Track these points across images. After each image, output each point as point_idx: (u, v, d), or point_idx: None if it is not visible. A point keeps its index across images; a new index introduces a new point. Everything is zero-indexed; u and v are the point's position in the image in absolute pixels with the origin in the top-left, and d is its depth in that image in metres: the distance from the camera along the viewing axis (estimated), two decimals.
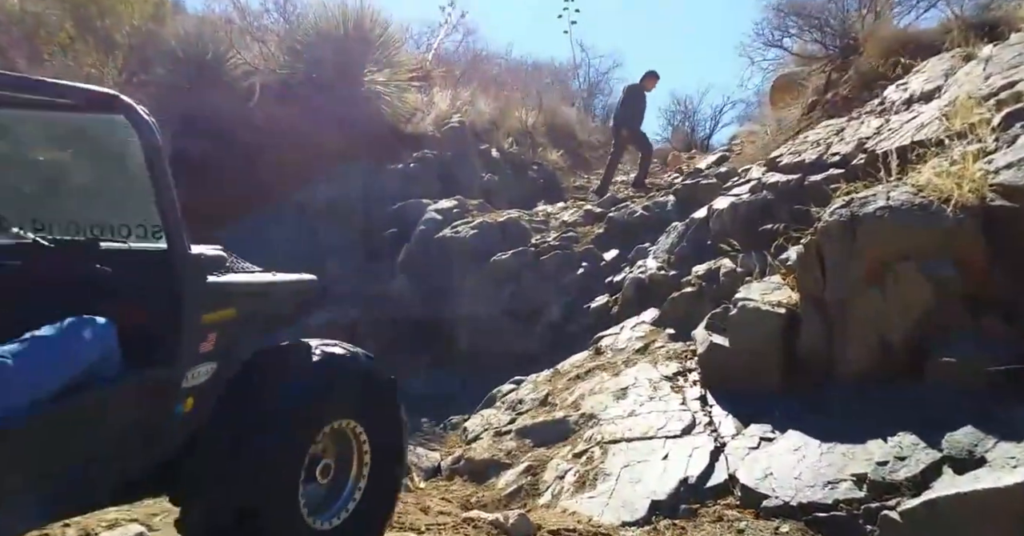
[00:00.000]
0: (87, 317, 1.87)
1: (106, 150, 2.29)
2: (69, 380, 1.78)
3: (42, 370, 1.73)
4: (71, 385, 1.77)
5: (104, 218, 2.24)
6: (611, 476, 3.56)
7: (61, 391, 1.74)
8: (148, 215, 2.12)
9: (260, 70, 7.59)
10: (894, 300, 3.24)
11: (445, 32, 14.52)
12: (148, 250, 2.15)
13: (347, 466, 2.50)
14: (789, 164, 5.12)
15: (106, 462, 1.94)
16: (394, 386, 2.63)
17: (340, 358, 2.43)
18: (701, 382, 4.13)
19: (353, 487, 2.50)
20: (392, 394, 2.62)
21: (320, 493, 2.39)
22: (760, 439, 3.47)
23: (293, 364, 2.34)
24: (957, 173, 3.42)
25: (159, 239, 2.11)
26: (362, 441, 2.51)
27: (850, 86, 7.25)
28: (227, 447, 2.12)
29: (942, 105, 4.49)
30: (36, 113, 2.05)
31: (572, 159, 12.11)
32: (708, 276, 4.91)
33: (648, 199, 7.27)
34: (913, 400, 3.03)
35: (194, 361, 2.08)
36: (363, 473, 2.52)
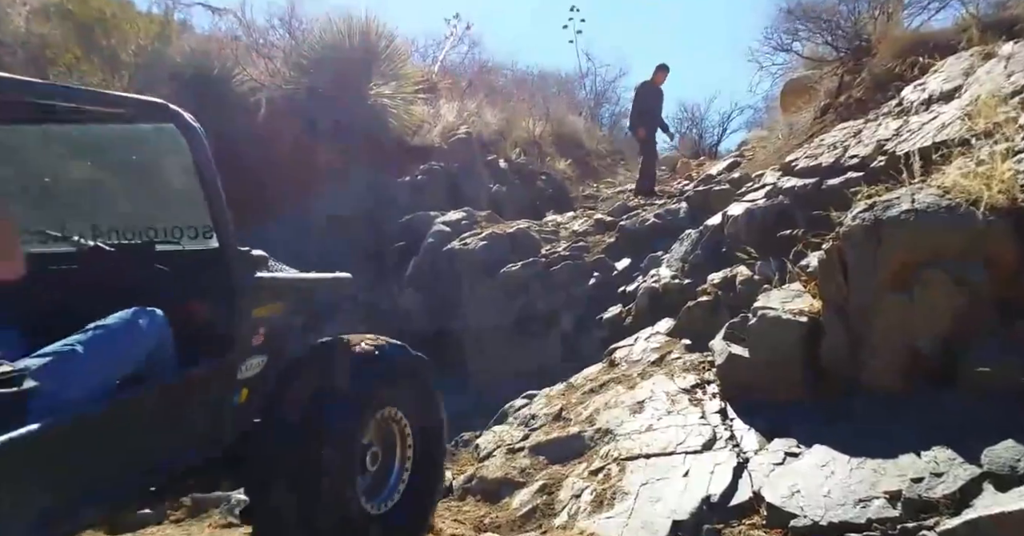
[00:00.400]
0: (142, 308, 1.97)
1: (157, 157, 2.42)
2: (131, 369, 1.88)
3: (107, 358, 1.82)
4: (132, 374, 1.87)
5: (158, 221, 2.37)
6: (629, 495, 3.41)
7: (124, 380, 1.84)
8: (198, 217, 2.25)
9: (266, 86, 7.58)
10: (922, 306, 3.09)
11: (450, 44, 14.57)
12: (200, 250, 2.27)
13: (392, 452, 2.64)
14: (805, 168, 4.99)
15: (167, 451, 2.03)
16: (431, 370, 2.80)
17: (386, 350, 2.59)
18: (720, 395, 3.98)
19: (400, 471, 2.66)
20: (429, 378, 2.80)
21: (369, 479, 2.51)
22: (785, 454, 3.31)
23: (345, 356, 2.47)
24: (985, 173, 3.28)
25: (209, 239, 2.24)
26: (404, 427, 2.66)
27: (863, 88, 7.12)
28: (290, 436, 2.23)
29: (963, 104, 4.35)
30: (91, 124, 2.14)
31: (580, 168, 12.04)
32: (724, 284, 4.77)
33: (660, 207, 7.14)
34: (946, 412, 2.87)
35: (247, 353, 2.20)
36: (407, 457, 2.69)
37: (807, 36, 9.06)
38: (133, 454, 1.92)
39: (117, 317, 1.91)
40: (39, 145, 2.26)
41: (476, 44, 17.17)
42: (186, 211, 2.32)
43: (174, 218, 2.37)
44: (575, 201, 9.87)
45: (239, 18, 9.00)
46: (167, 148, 2.20)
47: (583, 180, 11.43)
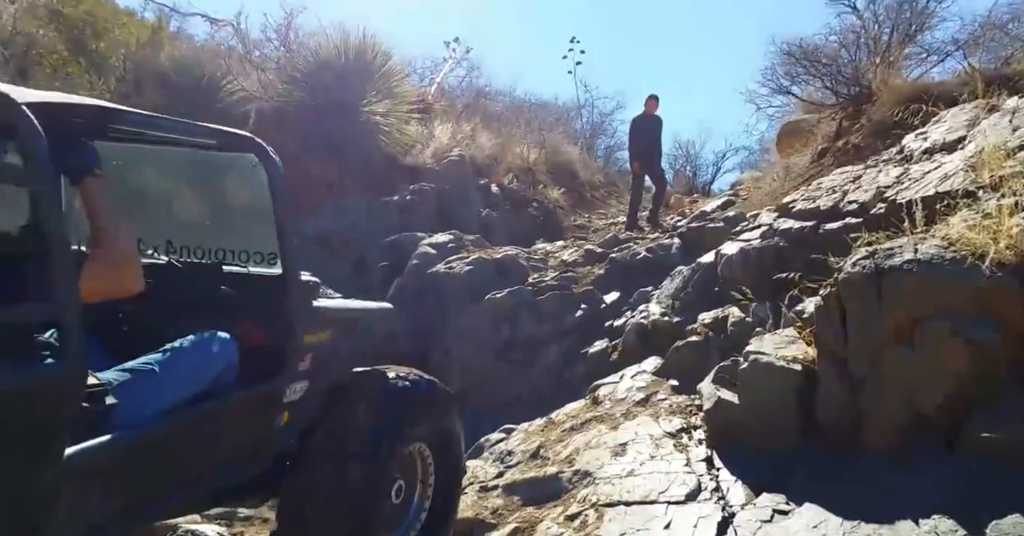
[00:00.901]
0: (215, 333, 2.09)
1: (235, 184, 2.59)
2: (198, 389, 1.99)
3: (181, 378, 1.94)
4: (199, 393, 1.98)
5: (227, 244, 2.49)
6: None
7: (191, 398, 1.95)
8: (265, 243, 2.38)
9: (257, 97, 7.44)
10: (925, 363, 2.94)
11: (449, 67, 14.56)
12: (264, 275, 2.40)
13: (413, 486, 2.72)
14: (803, 210, 4.89)
15: (218, 467, 2.14)
16: (454, 408, 2.87)
17: (419, 385, 2.67)
18: (707, 441, 3.80)
19: (420, 505, 2.75)
20: (454, 415, 2.87)
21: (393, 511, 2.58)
22: (773, 511, 3.12)
23: (382, 389, 2.57)
24: (991, 227, 3.17)
25: (274, 265, 2.37)
26: (427, 462, 2.75)
27: (862, 134, 7.11)
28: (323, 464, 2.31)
29: (967, 156, 4.27)
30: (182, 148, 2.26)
31: (573, 198, 11.97)
32: (715, 325, 4.62)
33: (652, 241, 7.03)
34: (947, 477, 2.71)
35: (294, 378, 2.29)
36: (427, 493, 2.78)
37: (807, 79, 9.11)
38: (186, 468, 2.04)
39: (191, 340, 2.03)
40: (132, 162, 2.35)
41: (475, 69, 17.22)
42: (255, 237, 2.46)
43: (243, 242, 2.49)
44: (566, 230, 9.77)
45: (235, 28, 8.92)
46: (246, 177, 2.34)
47: (575, 210, 11.35)
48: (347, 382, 2.59)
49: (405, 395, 2.59)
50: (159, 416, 1.83)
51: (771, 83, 9.91)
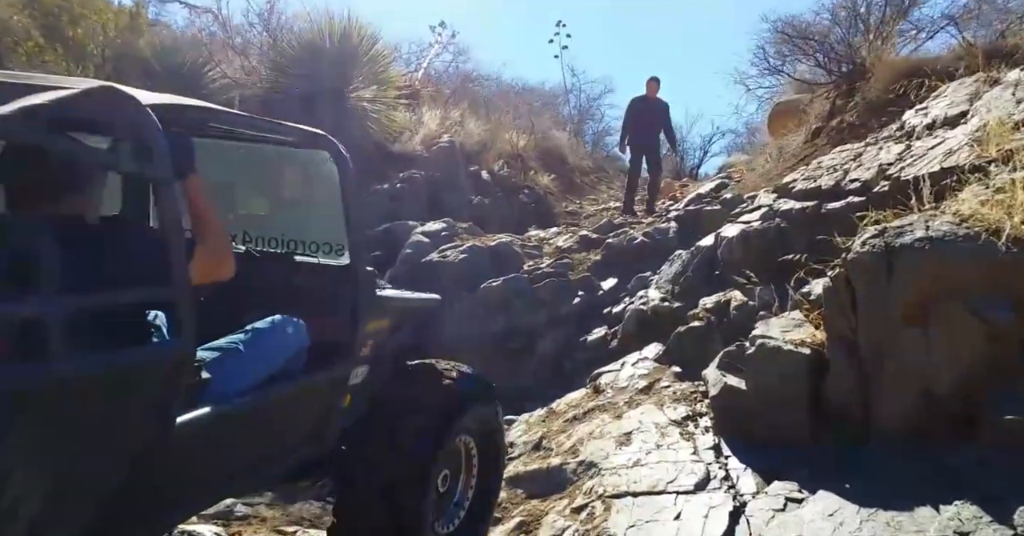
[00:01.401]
0: (291, 318, 2.23)
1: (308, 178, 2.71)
2: (275, 369, 2.10)
3: (262, 358, 2.08)
4: (275, 373, 2.09)
5: (299, 235, 2.65)
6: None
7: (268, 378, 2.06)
8: (334, 235, 2.53)
9: (241, 84, 7.22)
10: (940, 345, 2.86)
11: (435, 52, 14.33)
12: (332, 265, 2.55)
13: (456, 478, 2.82)
14: (803, 190, 4.79)
15: (293, 443, 2.29)
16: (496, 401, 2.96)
17: (467, 378, 2.80)
18: (714, 429, 3.72)
19: (463, 495, 2.86)
20: (496, 408, 2.97)
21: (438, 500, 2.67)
22: (786, 499, 3.04)
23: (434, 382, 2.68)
24: (1005, 202, 3.08)
25: (341, 256, 2.54)
26: (472, 454, 2.86)
27: (857, 112, 6.99)
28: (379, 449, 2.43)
29: (971, 130, 4.18)
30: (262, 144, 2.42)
31: (563, 184, 11.83)
32: (717, 309, 4.53)
33: (648, 225, 6.92)
34: (968, 463, 2.63)
35: (357, 363, 2.41)
36: (471, 484, 2.88)
37: (799, 58, 8.98)
38: (266, 443, 2.19)
39: (269, 322, 2.18)
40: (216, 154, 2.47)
41: (461, 54, 16.97)
42: (325, 229, 2.60)
43: (314, 234, 2.64)
44: (558, 217, 9.64)
45: (216, 15, 8.68)
46: (318, 172, 2.47)
47: (565, 196, 11.21)
48: (401, 371, 2.72)
49: (454, 386, 2.71)
50: (243, 392, 1.96)
51: (762, 63, 9.80)
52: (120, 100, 1.55)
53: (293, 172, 2.79)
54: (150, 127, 1.59)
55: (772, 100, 10.90)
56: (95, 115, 1.56)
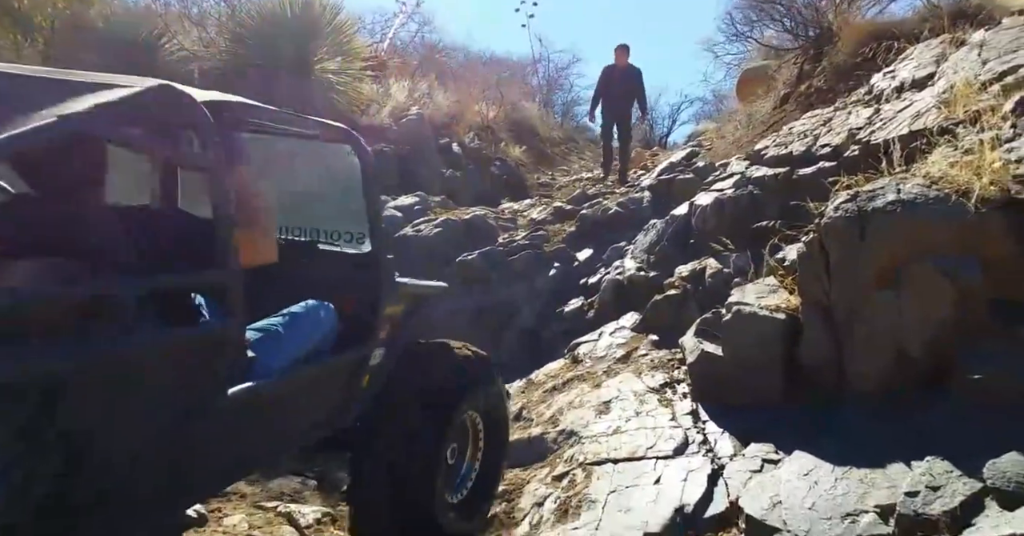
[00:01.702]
0: (322, 302, 2.37)
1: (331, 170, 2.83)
2: (309, 348, 2.25)
3: (298, 339, 2.22)
4: (308, 353, 2.24)
5: (322, 224, 2.80)
6: (597, 503, 3.16)
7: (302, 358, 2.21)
8: (354, 224, 2.69)
9: (200, 56, 6.95)
10: (911, 305, 2.90)
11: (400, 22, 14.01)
12: (354, 253, 2.70)
13: (463, 451, 3.01)
14: (775, 157, 4.80)
15: (321, 418, 2.46)
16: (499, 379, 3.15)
17: (473, 357, 2.96)
18: (692, 395, 3.76)
19: (470, 467, 3.05)
20: (500, 383, 3.14)
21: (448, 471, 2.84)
22: (763, 461, 3.10)
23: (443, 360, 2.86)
24: (973, 163, 3.11)
25: (363, 244, 2.69)
26: (478, 428, 3.03)
27: (825, 77, 7.03)
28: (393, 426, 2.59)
29: (938, 92, 4.21)
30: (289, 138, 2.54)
31: (534, 155, 11.75)
32: (693, 277, 4.56)
33: (622, 195, 6.91)
34: (939, 420, 2.69)
35: (376, 345, 2.56)
36: (477, 456, 3.07)
37: (766, 23, 8.96)
38: (300, 415, 2.37)
39: (304, 306, 2.33)
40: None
41: (427, 24, 16.63)
42: (347, 219, 2.74)
43: (335, 223, 2.78)
44: (530, 189, 9.58)
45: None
46: (341, 164, 2.62)
47: (537, 167, 11.14)
48: (413, 351, 2.85)
49: (461, 365, 2.88)
50: (282, 370, 2.10)
51: (729, 29, 9.76)
52: (177, 97, 1.70)
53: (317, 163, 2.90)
54: (205, 122, 1.75)
55: (740, 67, 10.91)
56: (155, 111, 1.68)
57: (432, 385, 2.73)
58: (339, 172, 2.71)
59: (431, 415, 2.65)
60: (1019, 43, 4.16)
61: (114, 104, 1.48)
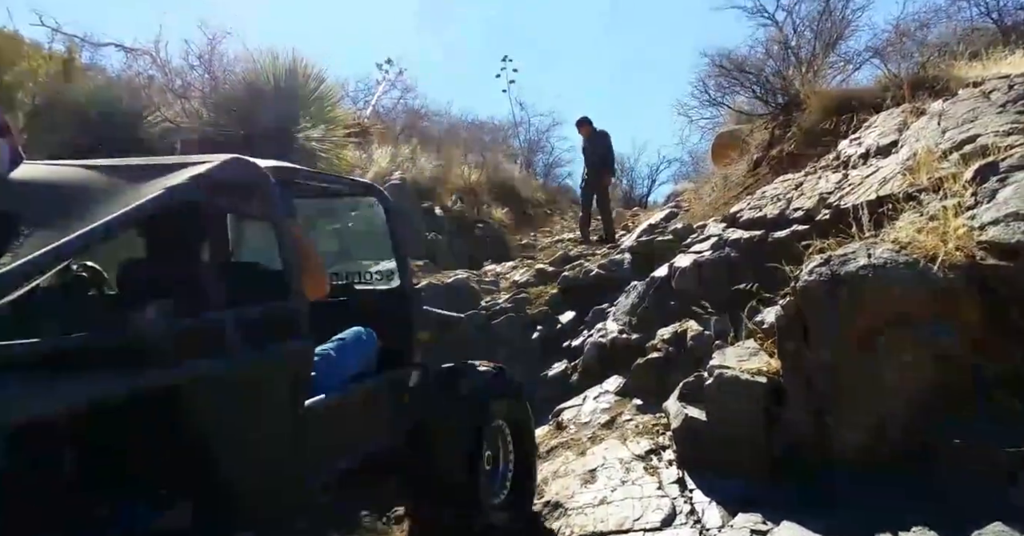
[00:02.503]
0: (365, 329, 2.75)
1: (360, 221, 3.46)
2: (356, 370, 2.63)
3: (347, 361, 2.60)
4: (354, 375, 2.62)
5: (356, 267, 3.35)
6: None
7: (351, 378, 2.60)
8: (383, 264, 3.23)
9: (182, 127, 7.05)
10: (889, 371, 2.92)
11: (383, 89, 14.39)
12: (384, 289, 3.13)
13: (498, 458, 3.33)
14: (750, 220, 4.91)
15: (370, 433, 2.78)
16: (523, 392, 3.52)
17: (499, 373, 3.32)
18: (678, 461, 3.71)
19: (506, 471, 3.37)
20: (523, 396, 3.48)
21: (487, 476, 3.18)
22: (752, 532, 3.03)
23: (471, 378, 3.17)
24: (938, 229, 3.20)
25: (392, 281, 3.13)
26: (507, 435, 3.35)
27: (795, 142, 7.27)
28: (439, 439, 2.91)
29: (902, 159, 4.37)
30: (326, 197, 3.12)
31: (516, 217, 11.90)
32: (675, 340, 4.56)
33: (603, 257, 6.98)
34: (924, 488, 2.67)
35: (412, 368, 2.95)
36: (510, 460, 3.39)
37: (737, 90, 9.33)
38: (356, 427, 2.69)
39: (352, 333, 2.71)
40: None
41: (409, 90, 17.09)
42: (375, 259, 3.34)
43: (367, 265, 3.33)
44: (513, 250, 9.66)
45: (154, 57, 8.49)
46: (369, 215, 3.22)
47: (520, 229, 11.28)
48: (444, 371, 3.18)
49: (487, 381, 3.20)
50: (336, 388, 2.45)
51: (702, 95, 10.14)
52: (247, 166, 2.18)
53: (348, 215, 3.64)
54: (269, 185, 2.22)
55: (714, 130, 11.28)
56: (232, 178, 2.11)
57: (464, 400, 3.05)
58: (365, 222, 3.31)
59: (467, 427, 2.99)
60: (975, 113, 4.36)
61: (204, 175, 1.92)
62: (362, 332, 2.73)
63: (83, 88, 6.62)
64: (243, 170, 2.17)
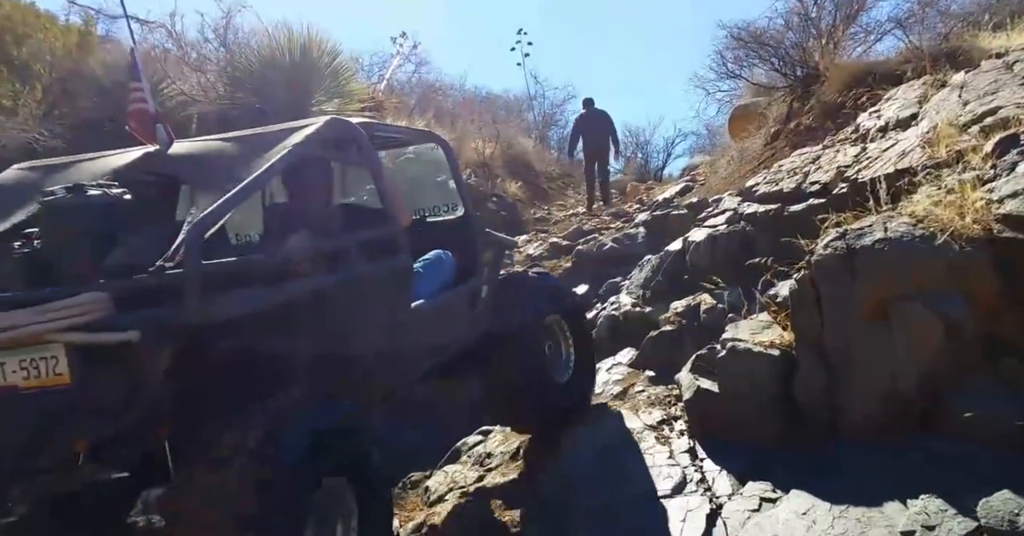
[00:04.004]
0: (444, 251, 3.36)
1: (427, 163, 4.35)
2: (439, 285, 3.22)
3: (433, 276, 3.21)
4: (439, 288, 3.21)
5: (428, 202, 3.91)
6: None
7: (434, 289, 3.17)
8: (448, 198, 3.82)
9: (198, 100, 7.07)
10: (902, 342, 2.93)
11: (397, 63, 14.31)
12: (451, 218, 3.73)
13: (558, 346, 4.03)
14: (766, 193, 4.89)
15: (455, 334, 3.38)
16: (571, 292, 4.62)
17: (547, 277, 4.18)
18: (689, 432, 3.76)
19: (567, 356, 4.04)
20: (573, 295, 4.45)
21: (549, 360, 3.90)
22: (761, 500, 3.09)
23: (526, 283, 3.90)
24: (956, 203, 3.19)
25: (456, 211, 3.74)
26: (564, 329, 4.04)
27: (813, 115, 7.18)
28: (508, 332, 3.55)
29: (922, 132, 4.32)
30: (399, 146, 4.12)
31: (530, 190, 11.89)
32: (688, 313, 4.59)
33: (617, 230, 6.99)
34: (933, 458, 2.70)
35: (481, 282, 3.57)
36: (570, 349, 4.05)
37: (755, 63, 9.17)
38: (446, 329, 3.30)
39: (433, 255, 3.31)
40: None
41: (423, 64, 16.97)
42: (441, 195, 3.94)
43: (435, 200, 3.89)
44: (527, 224, 9.68)
45: (169, 30, 8.49)
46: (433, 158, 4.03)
47: (534, 202, 11.27)
48: (504, 281, 3.80)
49: (540, 285, 3.91)
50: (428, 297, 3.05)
51: (720, 68, 9.99)
52: (345, 125, 2.81)
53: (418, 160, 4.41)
54: (363, 138, 2.83)
55: (731, 103, 11.13)
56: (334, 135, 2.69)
57: (522, 303, 3.66)
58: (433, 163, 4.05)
59: (528, 323, 3.63)
60: (997, 85, 4.29)
61: (316, 134, 2.51)
62: (442, 254, 3.35)
63: (99, 60, 6.64)
64: (343, 127, 2.77)
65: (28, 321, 1.92)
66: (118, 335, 1.92)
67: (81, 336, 1.94)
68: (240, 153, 2.48)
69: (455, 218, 3.71)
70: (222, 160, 2.48)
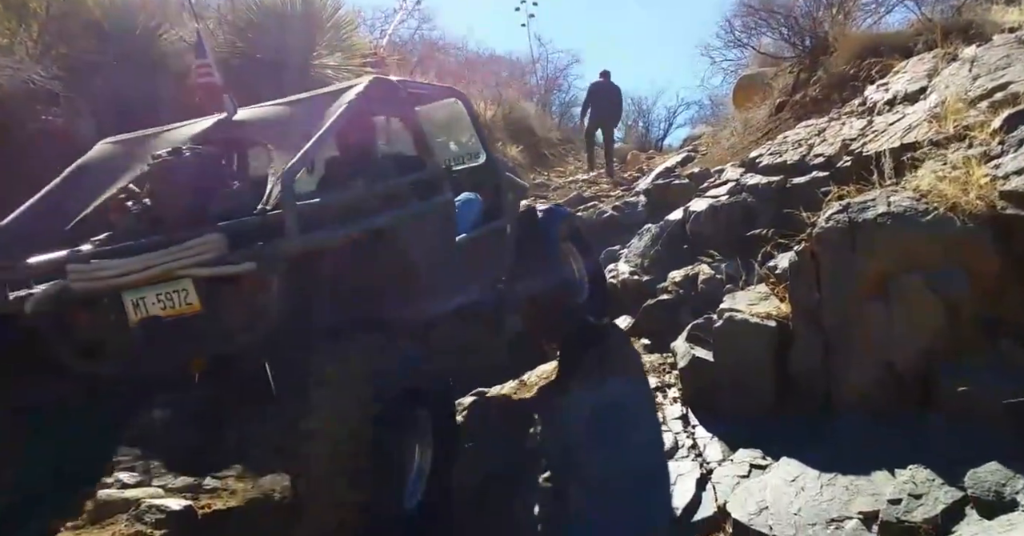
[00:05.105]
0: (474, 193, 3.82)
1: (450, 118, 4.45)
2: (471, 222, 3.64)
3: (466, 214, 3.62)
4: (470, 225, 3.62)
5: (452, 153, 4.40)
6: None
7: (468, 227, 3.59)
8: (471, 148, 4.28)
9: None
10: (900, 318, 2.96)
11: (400, 18, 14.01)
12: (476, 165, 4.12)
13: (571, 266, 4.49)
14: (770, 165, 4.87)
15: (489, 268, 3.85)
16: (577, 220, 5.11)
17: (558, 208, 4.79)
18: (682, 399, 3.81)
19: (583, 275, 4.55)
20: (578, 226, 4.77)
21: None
22: (751, 466, 3.15)
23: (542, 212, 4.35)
24: (960, 178, 3.18)
25: (478, 159, 4.13)
26: (575, 253, 4.50)
27: (820, 87, 7.10)
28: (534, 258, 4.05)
29: (930, 106, 4.28)
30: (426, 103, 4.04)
31: (531, 155, 11.78)
32: (686, 283, 4.61)
33: (617, 199, 6.96)
34: (924, 431, 2.75)
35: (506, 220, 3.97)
36: (583, 271, 4.56)
37: (764, 32, 9.02)
38: (483, 260, 3.72)
39: (464, 196, 3.72)
40: None
41: (427, 21, 16.63)
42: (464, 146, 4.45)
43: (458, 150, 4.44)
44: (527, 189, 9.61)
45: None
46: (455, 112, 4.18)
47: (534, 168, 11.18)
48: (522, 215, 4.20)
49: (550, 214, 4.35)
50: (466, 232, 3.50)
51: (728, 36, 9.83)
52: (387, 83, 3.34)
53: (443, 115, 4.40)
54: (403, 94, 3.36)
55: (737, 73, 10.99)
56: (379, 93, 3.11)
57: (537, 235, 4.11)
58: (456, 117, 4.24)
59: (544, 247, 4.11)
60: (1009, 60, 4.24)
61: (363, 91, 2.91)
62: (471, 195, 3.77)
63: (98, 3, 6.45)
64: (385, 85, 3.24)
65: (161, 261, 2.30)
66: (236, 267, 2.27)
67: (207, 270, 2.30)
68: (303, 114, 2.92)
69: (478, 164, 4.09)
70: (290, 121, 2.93)
